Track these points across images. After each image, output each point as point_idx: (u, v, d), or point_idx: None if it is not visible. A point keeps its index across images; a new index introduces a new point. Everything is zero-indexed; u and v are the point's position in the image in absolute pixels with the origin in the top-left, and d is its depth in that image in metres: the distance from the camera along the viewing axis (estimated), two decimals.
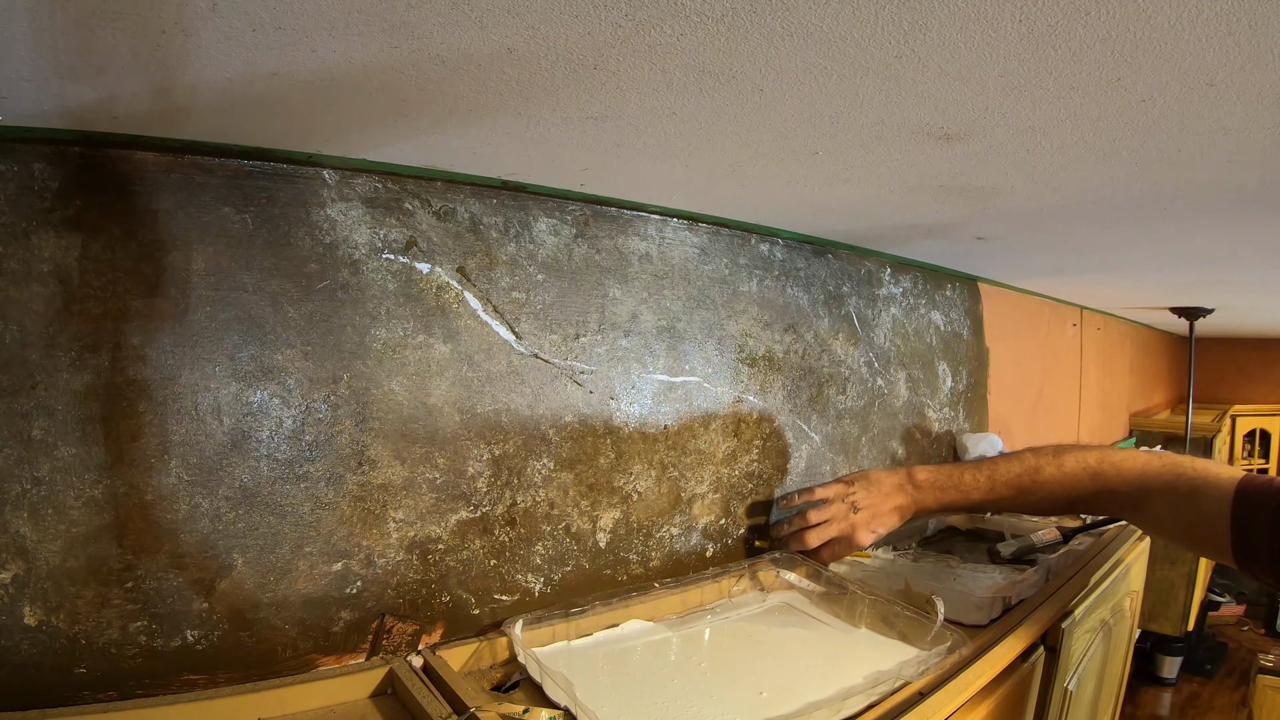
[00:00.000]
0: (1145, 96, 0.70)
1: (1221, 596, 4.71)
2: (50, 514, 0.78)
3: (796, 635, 1.20)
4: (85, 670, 0.81)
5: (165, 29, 0.57)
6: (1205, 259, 1.74)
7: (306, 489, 0.94)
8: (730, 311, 1.43)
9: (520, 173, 1.06)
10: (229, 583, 0.89)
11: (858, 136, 0.86)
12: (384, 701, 0.94)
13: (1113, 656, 1.68)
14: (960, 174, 1.02)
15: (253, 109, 0.76)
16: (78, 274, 0.79)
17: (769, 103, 0.75)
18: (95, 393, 0.80)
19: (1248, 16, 0.53)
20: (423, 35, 0.59)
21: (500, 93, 0.73)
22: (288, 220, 0.92)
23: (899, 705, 0.92)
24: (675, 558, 1.34)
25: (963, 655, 1.05)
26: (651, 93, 0.73)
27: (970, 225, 1.41)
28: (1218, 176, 0.98)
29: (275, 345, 0.91)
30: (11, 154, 0.76)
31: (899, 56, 0.63)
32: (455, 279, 1.06)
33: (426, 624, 1.04)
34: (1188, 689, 3.95)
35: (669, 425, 1.33)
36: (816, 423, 1.63)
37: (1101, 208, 1.20)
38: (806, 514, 1.34)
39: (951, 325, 2.14)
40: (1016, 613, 1.25)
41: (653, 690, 1.00)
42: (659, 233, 1.31)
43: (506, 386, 1.11)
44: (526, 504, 1.14)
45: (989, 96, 0.72)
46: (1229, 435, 4.50)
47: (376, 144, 0.90)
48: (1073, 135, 0.83)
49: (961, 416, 2.20)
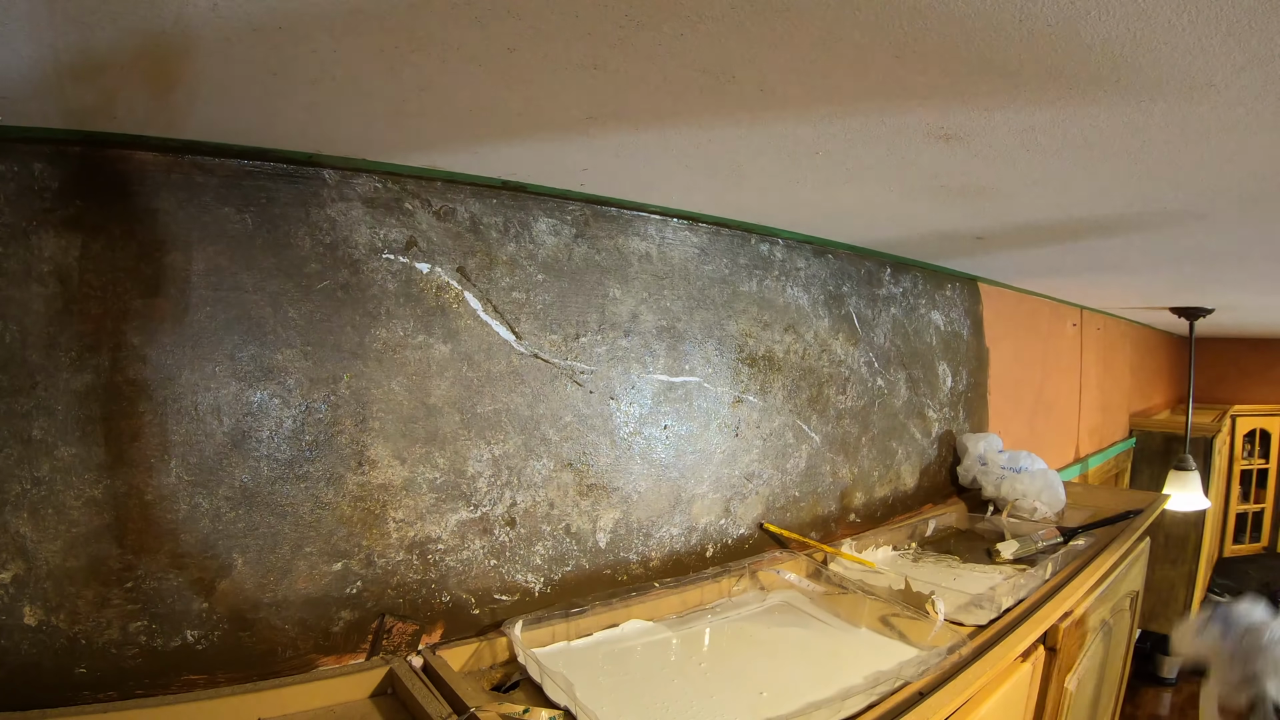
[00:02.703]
0: (1145, 96, 0.70)
1: (1221, 597, 4.71)
2: (50, 514, 0.78)
3: (796, 635, 1.20)
4: (85, 670, 0.80)
5: (165, 28, 0.57)
6: (1205, 259, 1.74)
7: (306, 489, 0.94)
8: (730, 311, 1.43)
9: (520, 173, 1.06)
10: (229, 583, 0.89)
11: (858, 136, 0.86)
12: (384, 701, 0.94)
13: (1113, 656, 1.68)
14: (960, 174, 1.02)
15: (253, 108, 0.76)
16: (78, 274, 0.79)
17: (769, 103, 0.75)
18: (95, 393, 0.80)
19: (1247, 16, 0.53)
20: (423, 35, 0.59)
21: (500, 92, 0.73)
22: (288, 220, 0.92)
23: (899, 705, 0.92)
24: (675, 558, 1.34)
25: (963, 655, 1.05)
26: (651, 93, 0.73)
27: (970, 225, 1.41)
28: (1217, 177, 0.98)
29: (275, 345, 0.91)
30: (11, 154, 0.76)
31: (899, 56, 0.63)
32: (455, 279, 1.06)
33: (426, 624, 1.04)
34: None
35: (669, 425, 1.33)
36: (817, 422, 1.63)
37: (1101, 208, 1.20)
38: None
39: (951, 325, 2.14)
40: (1016, 612, 1.25)
41: (653, 690, 1.00)
42: (659, 233, 1.31)
43: (506, 386, 1.11)
44: (526, 504, 1.14)
45: (989, 97, 0.72)
46: (1229, 435, 4.50)
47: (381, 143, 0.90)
48: (1072, 135, 0.83)
49: (961, 416, 2.20)
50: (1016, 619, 1.22)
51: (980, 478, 2.01)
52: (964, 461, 2.08)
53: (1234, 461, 4.66)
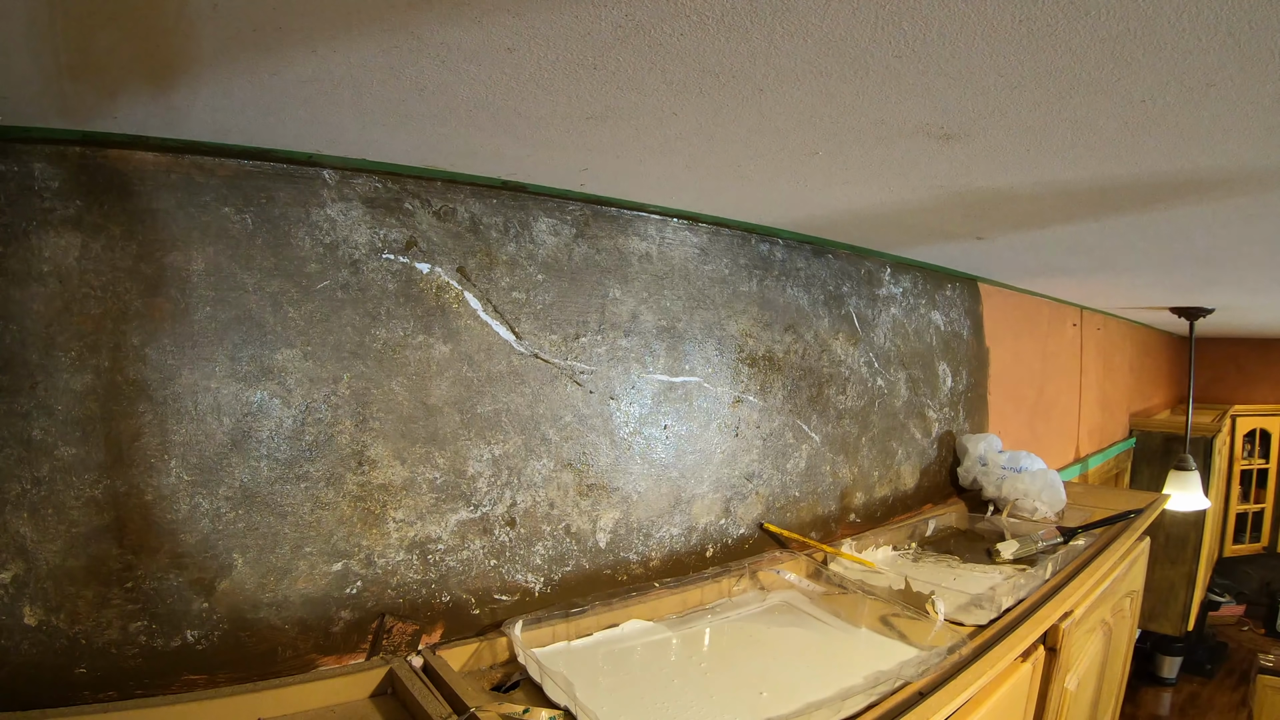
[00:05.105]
0: (1145, 96, 0.70)
1: (1221, 596, 4.71)
2: (50, 514, 0.78)
3: (797, 635, 1.20)
4: (85, 670, 0.80)
5: (166, 28, 0.57)
6: (1205, 259, 1.74)
7: (306, 489, 0.94)
8: (730, 311, 1.43)
9: (520, 173, 1.06)
10: (229, 583, 0.89)
11: (858, 136, 0.86)
12: (384, 701, 0.93)
13: (1113, 656, 1.68)
14: (960, 174, 1.02)
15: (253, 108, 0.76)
16: (78, 274, 0.79)
17: (769, 103, 0.75)
18: (95, 393, 0.80)
19: (1248, 17, 0.53)
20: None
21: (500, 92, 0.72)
22: (288, 220, 0.92)
23: (899, 705, 0.92)
24: (675, 558, 1.34)
25: (963, 655, 1.05)
26: (651, 93, 0.73)
27: (970, 225, 1.41)
28: (1217, 176, 0.98)
29: (275, 345, 0.91)
30: (11, 154, 0.76)
31: (899, 56, 0.63)
32: (455, 279, 1.06)
33: (426, 624, 1.04)
34: (1188, 689, 3.96)
35: (669, 425, 1.33)
36: (816, 422, 1.63)
37: (1102, 208, 1.20)
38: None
39: (951, 325, 2.14)
40: (1016, 612, 1.25)
41: (653, 690, 1.00)
42: (659, 233, 1.31)
43: (506, 386, 1.11)
44: (526, 504, 1.14)
45: (989, 96, 0.72)
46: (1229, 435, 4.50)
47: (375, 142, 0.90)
48: (1072, 136, 0.83)
49: (961, 416, 2.20)
50: (1016, 619, 1.22)
51: (980, 478, 2.01)
52: (964, 462, 2.08)
53: (1234, 461, 4.66)
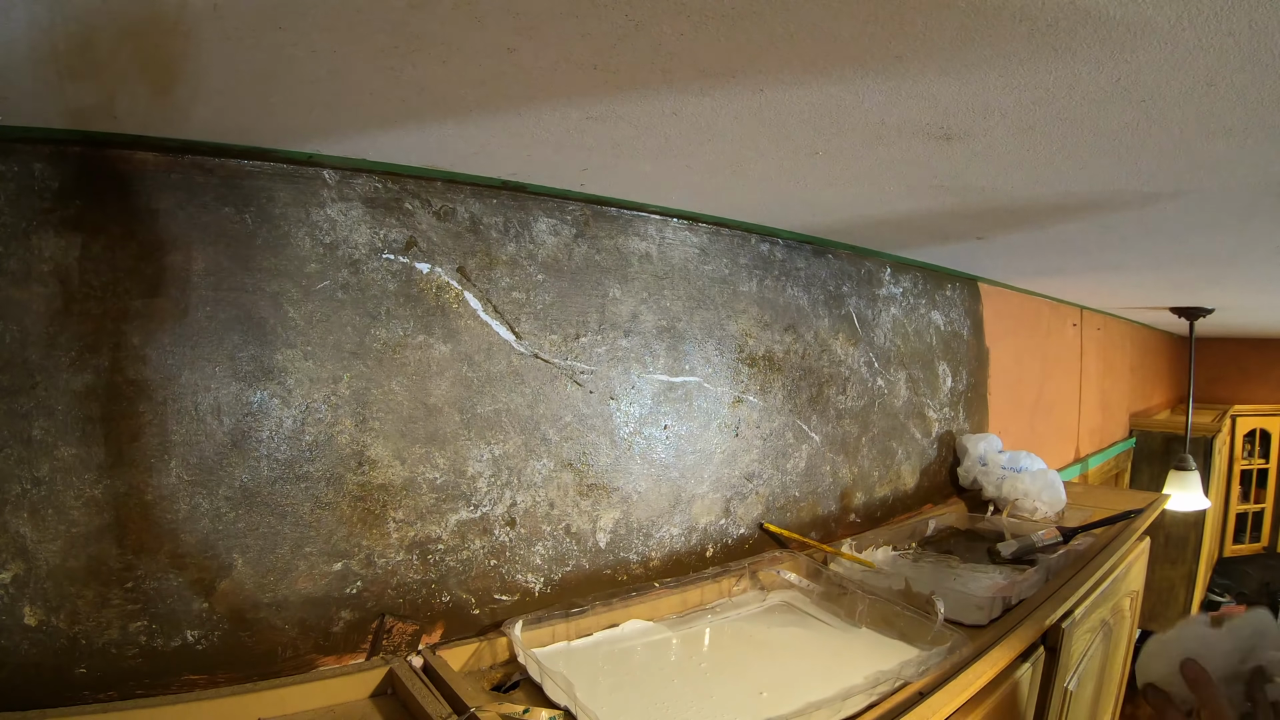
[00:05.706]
0: (1145, 96, 0.70)
1: (1221, 597, 4.71)
2: (50, 514, 0.78)
3: (796, 635, 1.20)
4: (85, 670, 0.80)
5: (166, 28, 0.57)
6: (1205, 259, 1.74)
7: (306, 489, 0.94)
8: (730, 311, 1.43)
9: (520, 173, 1.05)
10: (229, 583, 0.89)
11: (858, 136, 0.86)
12: (384, 702, 0.93)
13: (1113, 656, 1.68)
14: (960, 174, 1.02)
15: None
16: (78, 274, 0.79)
17: (769, 103, 0.75)
18: (95, 393, 0.80)
19: (1248, 17, 0.53)
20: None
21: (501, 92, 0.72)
22: (288, 220, 0.92)
23: (899, 705, 0.92)
24: (675, 558, 1.34)
25: (963, 655, 1.05)
26: (651, 93, 0.73)
27: (970, 225, 1.41)
28: (1217, 176, 0.98)
29: (275, 345, 0.91)
30: (11, 154, 0.76)
31: (899, 56, 0.63)
32: (455, 279, 1.06)
33: (426, 624, 1.04)
34: None
35: (669, 425, 1.33)
36: (816, 422, 1.63)
37: (1102, 208, 1.20)
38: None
39: (951, 325, 2.14)
40: (1016, 613, 1.25)
41: (653, 690, 1.00)
42: (659, 233, 1.31)
43: (506, 386, 1.11)
44: (526, 504, 1.14)
45: (989, 96, 0.72)
46: (1229, 435, 4.50)
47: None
48: (1072, 136, 0.83)
49: (961, 416, 2.20)
50: (1016, 619, 1.22)
51: (981, 478, 2.01)
52: (964, 462, 2.08)
53: (1234, 461, 4.66)
